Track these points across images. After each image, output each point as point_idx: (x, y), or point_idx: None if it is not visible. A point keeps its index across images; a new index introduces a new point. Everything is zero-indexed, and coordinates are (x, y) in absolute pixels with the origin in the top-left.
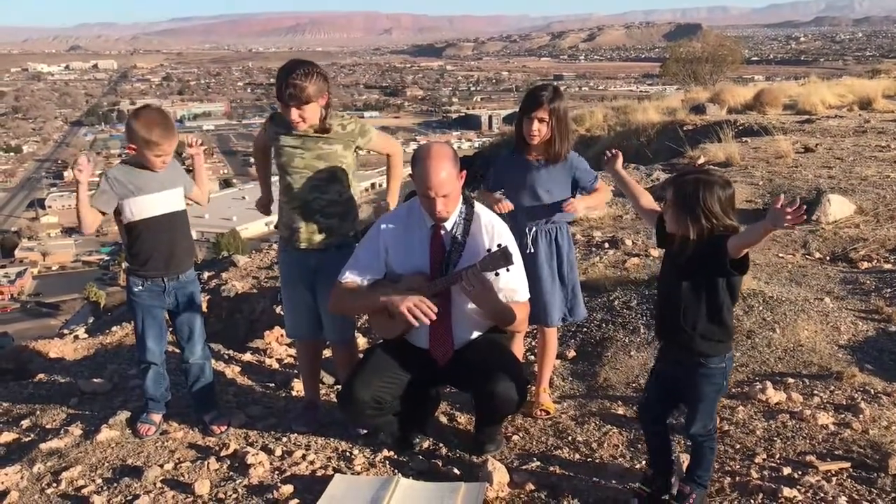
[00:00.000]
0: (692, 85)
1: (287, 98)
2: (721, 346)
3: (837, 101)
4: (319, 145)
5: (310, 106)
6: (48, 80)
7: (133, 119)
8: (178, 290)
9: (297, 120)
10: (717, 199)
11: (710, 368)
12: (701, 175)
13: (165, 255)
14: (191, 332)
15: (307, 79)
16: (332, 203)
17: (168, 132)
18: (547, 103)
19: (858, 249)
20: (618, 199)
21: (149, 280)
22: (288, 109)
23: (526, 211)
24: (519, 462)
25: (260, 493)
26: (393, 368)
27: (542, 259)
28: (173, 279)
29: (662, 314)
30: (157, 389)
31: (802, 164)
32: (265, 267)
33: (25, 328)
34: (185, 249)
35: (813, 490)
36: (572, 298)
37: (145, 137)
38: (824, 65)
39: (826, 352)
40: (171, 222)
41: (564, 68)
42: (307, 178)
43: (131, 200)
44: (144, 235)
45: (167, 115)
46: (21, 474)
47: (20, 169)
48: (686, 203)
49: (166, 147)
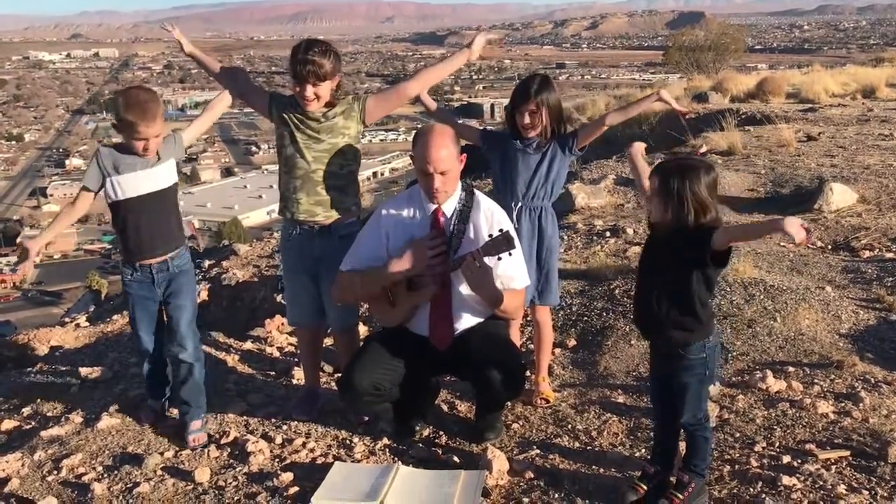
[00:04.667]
0: (695, 73)
1: (306, 74)
2: (695, 335)
3: (841, 90)
4: (324, 122)
5: (325, 84)
6: (49, 68)
7: (118, 96)
8: (170, 280)
9: (310, 97)
10: (702, 184)
11: (689, 359)
12: (684, 161)
13: (151, 234)
14: (178, 325)
15: (325, 56)
16: (332, 175)
17: (147, 115)
18: (534, 96)
19: (860, 238)
20: (619, 188)
21: (138, 271)
22: (304, 86)
23: (514, 189)
24: (519, 450)
25: (260, 481)
26: (393, 356)
27: (523, 237)
28: (163, 270)
29: (639, 303)
30: (154, 378)
31: (805, 153)
32: (266, 255)
33: (27, 316)
34: (171, 227)
35: (812, 478)
36: (545, 283)
37: (122, 117)
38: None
39: (827, 340)
40: (156, 200)
41: (567, 56)
42: (308, 150)
43: (115, 178)
44: (128, 215)
45: (153, 97)
46: (22, 462)
47: (22, 157)
48: (671, 190)
49: (143, 130)
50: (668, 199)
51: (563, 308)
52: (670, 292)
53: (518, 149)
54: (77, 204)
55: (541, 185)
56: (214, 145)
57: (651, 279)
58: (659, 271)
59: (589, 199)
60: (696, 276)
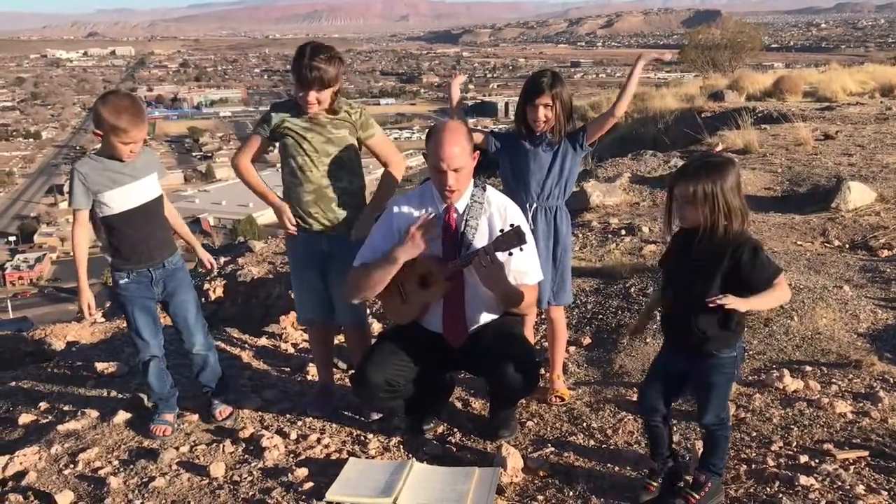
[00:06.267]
0: (711, 72)
1: (311, 81)
2: (730, 340)
3: (858, 88)
4: (328, 129)
5: (328, 90)
6: (66, 66)
7: (100, 103)
8: (166, 278)
9: (313, 102)
10: (731, 183)
11: (720, 359)
12: (710, 160)
13: (149, 245)
14: (185, 321)
15: (330, 62)
16: (345, 192)
17: (137, 119)
18: (549, 89)
19: (878, 237)
20: (634, 186)
21: (134, 272)
22: (307, 91)
23: (528, 190)
24: (533, 448)
25: (275, 476)
26: (406, 352)
27: (539, 237)
28: (159, 267)
29: (673, 321)
30: (162, 387)
31: (822, 152)
32: (281, 252)
33: (44, 312)
34: (165, 236)
35: (830, 478)
36: (560, 283)
37: (113, 123)
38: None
39: (845, 340)
40: (148, 211)
41: (582, 55)
42: (318, 163)
43: (106, 195)
44: (124, 229)
45: (138, 101)
46: (39, 455)
47: (39, 155)
48: (705, 193)
49: (134, 134)
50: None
51: (577, 306)
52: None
53: (529, 148)
54: (82, 226)
55: (555, 185)
56: (230, 143)
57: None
58: (691, 287)
59: (604, 198)
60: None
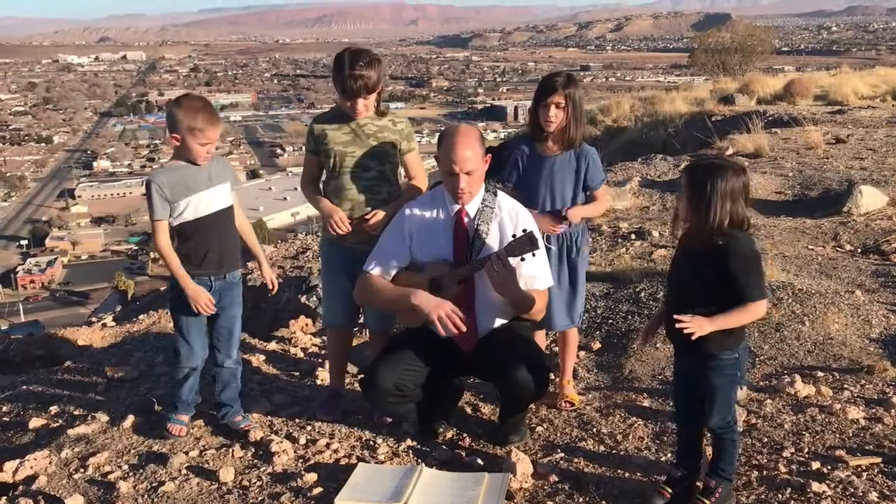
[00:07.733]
0: (721, 75)
1: (357, 90)
2: (730, 341)
3: (870, 92)
4: (370, 141)
5: (373, 95)
6: (78, 71)
7: (175, 107)
8: (224, 291)
9: (361, 110)
10: (730, 186)
11: (721, 360)
12: (714, 161)
13: (218, 254)
14: (229, 336)
15: (371, 67)
16: (383, 203)
17: (212, 118)
18: (562, 88)
19: (891, 241)
20: (644, 190)
21: (195, 279)
22: (354, 101)
23: (538, 199)
24: (543, 453)
25: (284, 481)
26: (416, 356)
27: (554, 258)
28: (220, 279)
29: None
30: (189, 395)
31: (833, 156)
32: (291, 256)
33: (55, 316)
34: (234, 246)
35: (843, 485)
36: (572, 301)
37: (189, 125)
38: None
39: (857, 345)
40: (220, 220)
41: (591, 58)
42: (359, 178)
43: (182, 202)
44: (196, 235)
45: (210, 102)
46: (49, 459)
47: (51, 159)
48: (699, 190)
49: (210, 134)
50: (696, 199)
51: (587, 311)
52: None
53: (539, 155)
54: (164, 234)
55: (569, 194)
56: (240, 147)
57: (682, 294)
58: (688, 285)
59: (614, 202)
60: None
